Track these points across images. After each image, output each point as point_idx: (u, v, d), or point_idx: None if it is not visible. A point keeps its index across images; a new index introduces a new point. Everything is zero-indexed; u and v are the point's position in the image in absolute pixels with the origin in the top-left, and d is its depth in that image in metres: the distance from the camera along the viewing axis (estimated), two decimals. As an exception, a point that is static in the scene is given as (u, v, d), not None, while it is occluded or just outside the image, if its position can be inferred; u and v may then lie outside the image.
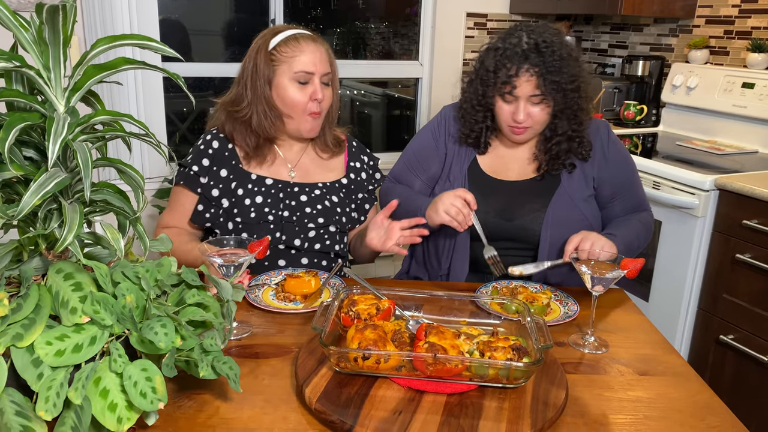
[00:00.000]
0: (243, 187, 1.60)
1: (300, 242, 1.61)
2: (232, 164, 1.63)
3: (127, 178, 0.95)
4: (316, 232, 1.63)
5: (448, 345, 1.05)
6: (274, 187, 1.62)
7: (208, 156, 1.62)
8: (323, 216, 1.63)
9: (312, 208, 1.63)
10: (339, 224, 1.66)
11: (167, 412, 0.98)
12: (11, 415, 0.81)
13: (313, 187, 1.66)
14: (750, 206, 2.08)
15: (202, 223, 1.62)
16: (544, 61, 1.49)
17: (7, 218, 0.83)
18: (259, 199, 1.59)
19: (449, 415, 0.97)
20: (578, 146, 1.60)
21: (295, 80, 1.57)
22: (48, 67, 0.86)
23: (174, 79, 0.92)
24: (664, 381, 1.15)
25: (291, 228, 1.60)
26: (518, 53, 1.50)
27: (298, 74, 1.56)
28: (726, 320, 2.20)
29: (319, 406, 0.98)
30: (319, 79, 1.59)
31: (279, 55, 1.57)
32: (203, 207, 1.61)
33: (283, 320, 1.32)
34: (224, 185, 1.61)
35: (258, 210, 1.58)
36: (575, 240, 1.42)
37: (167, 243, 1.07)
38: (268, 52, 1.58)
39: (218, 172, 1.61)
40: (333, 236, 1.65)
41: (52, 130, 0.79)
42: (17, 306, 0.84)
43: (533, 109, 1.53)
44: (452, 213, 1.46)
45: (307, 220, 1.62)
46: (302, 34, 1.60)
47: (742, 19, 2.75)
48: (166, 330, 0.86)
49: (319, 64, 1.58)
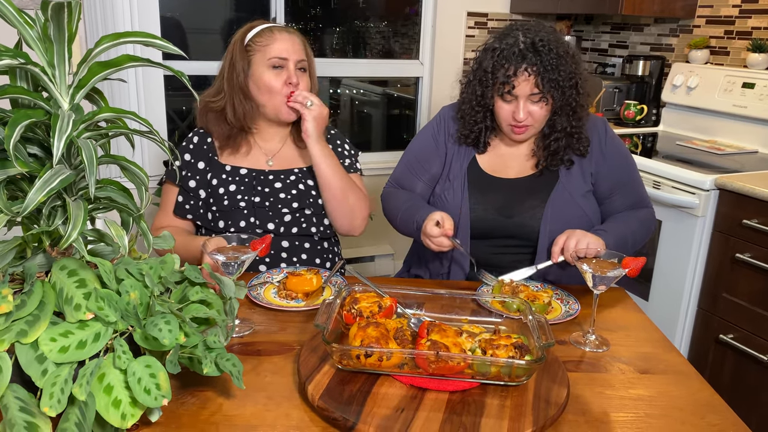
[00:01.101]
0: (217, 178, 1.66)
1: (274, 226, 1.64)
2: (209, 156, 1.69)
3: (131, 175, 0.96)
4: (291, 216, 1.66)
5: (450, 343, 1.05)
6: (248, 176, 1.67)
7: (189, 151, 1.70)
8: (297, 200, 1.67)
9: (286, 194, 1.67)
10: (314, 206, 1.68)
11: (170, 408, 0.99)
12: (15, 411, 0.81)
13: (289, 173, 1.70)
14: (750, 206, 2.09)
15: (183, 214, 1.67)
16: (541, 60, 1.50)
17: (12, 215, 0.83)
18: (232, 188, 1.65)
19: (451, 413, 0.98)
20: (576, 142, 1.61)
21: (270, 66, 1.62)
22: (53, 64, 0.86)
23: (178, 76, 0.92)
24: (665, 379, 1.16)
25: (263, 212, 1.64)
26: (515, 53, 1.51)
27: (272, 60, 1.62)
28: (726, 320, 2.20)
29: (321, 404, 0.98)
30: (293, 65, 1.64)
31: (254, 45, 1.64)
32: (183, 198, 1.67)
33: (285, 318, 1.32)
34: (201, 176, 1.67)
35: (231, 197, 1.64)
36: (560, 240, 1.44)
37: (170, 240, 1.08)
38: (243, 45, 1.65)
39: (196, 164, 1.68)
40: (309, 219, 1.68)
41: (57, 127, 0.80)
42: (21, 302, 0.84)
43: (533, 108, 1.54)
44: (432, 247, 1.50)
45: (280, 206, 1.65)
46: (276, 26, 1.67)
47: (743, 19, 2.76)
48: (170, 327, 0.86)
49: (292, 51, 1.64)
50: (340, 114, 4.01)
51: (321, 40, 3.69)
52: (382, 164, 1.85)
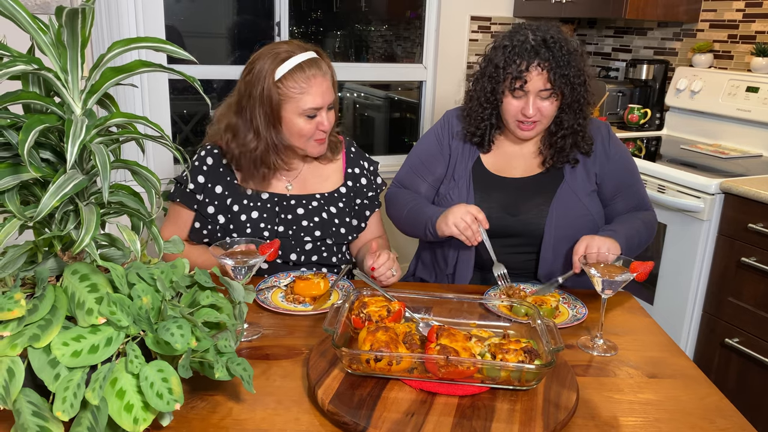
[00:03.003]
0: (238, 204, 1.59)
1: (296, 257, 1.60)
2: (227, 180, 1.61)
3: (142, 180, 0.96)
4: (312, 245, 1.62)
5: (459, 347, 1.05)
6: (270, 201, 1.61)
7: (203, 173, 1.60)
8: (320, 229, 1.62)
9: (309, 221, 1.62)
10: (336, 236, 1.64)
11: (181, 413, 0.99)
12: (28, 416, 0.81)
13: (311, 199, 1.64)
14: (755, 210, 2.09)
15: (199, 240, 1.61)
16: (553, 56, 1.52)
17: (26, 220, 0.84)
18: (254, 215, 1.58)
19: (461, 417, 0.98)
20: (582, 140, 1.62)
21: (304, 115, 1.53)
22: (66, 69, 0.86)
23: (190, 81, 0.92)
24: (674, 383, 1.16)
25: (287, 243, 1.59)
26: (527, 49, 1.53)
27: (307, 111, 1.53)
28: (731, 323, 2.20)
29: (332, 408, 0.98)
30: (326, 109, 1.56)
31: (286, 90, 1.51)
32: (200, 224, 1.60)
33: (293, 322, 1.32)
34: (219, 202, 1.59)
35: (254, 226, 1.58)
36: (581, 248, 1.42)
37: (179, 245, 1.08)
38: (275, 85, 1.51)
39: (213, 188, 1.60)
40: (330, 248, 1.64)
41: (70, 132, 0.80)
42: (33, 307, 0.84)
43: (542, 104, 1.55)
44: (461, 227, 1.47)
45: (303, 234, 1.60)
46: (309, 62, 1.52)
47: (746, 23, 2.76)
48: (182, 331, 0.86)
49: (326, 96, 1.54)
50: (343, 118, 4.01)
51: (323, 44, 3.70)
52: (385, 168, 1.85)
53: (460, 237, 1.48)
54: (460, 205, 1.51)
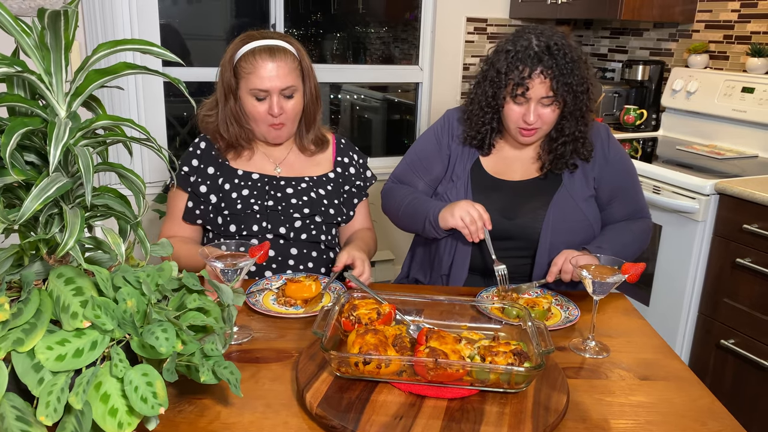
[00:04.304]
0: (230, 182, 1.65)
1: (285, 231, 1.63)
2: (218, 162, 1.67)
3: (128, 183, 0.95)
4: (302, 222, 1.65)
5: (449, 350, 1.05)
6: (260, 181, 1.66)
7: (196, 156, 1.68)
8: (309, 207, 1.66)
9: (298, 199, 1.66)
10: (325, 215, 1.68)
11: (168, 417, 0.98)
12: (12, 420, 0.80)
13: (300, 181, 1.70)
14: (750, 210, 2.08)
15: (193, 220, 1.65)
16: (557, 63, 1.50)
17: (9, 223, 0.83)
18: (245, 192, 1.64)
19: (450, 420, 0.97)
20: (582, 147, 1.62)
21: (252, 96, 1.60)
22: (49, 72, 0.86)
23: (175, 84, 0.92)
24: (666, 386, 1.15)
25: (276, 216, 1.63)
26: (530, 55, 1.51)
27: (253, 91, 1.60)
28: (726, 325, 2.19)
29: (320, 411, 0.98)
30: (277, 95, 1.60)
31: (240, 70, 1.60)
32: (193, 204, 1.66)
33: (284, 325, 1.32)
34: (212, 181, 1.65)
35: (244, 201, 1.62)
36: (559, 262, 1.46)
37: (168, 248, 1.07)
38: (233, 64, 1.61)
39: (206, 169, 1.66)
40: (319, 227, 1.67)
41: (53, 135, 0.79)
42: (18, 311, 0.84)
43: (544, 111, 1.55)
44: (467, 220, 1.47)
45: (292, 210, 1.65)
46: (262, 47, 1.59)
47: (742, 23, 2.76)
48: (167, 335, 0.85)
49: (276, 81, 1.58)
50: (341, 119, 4.01)
51: (321, 46, 3.70)
52: (382, 169, 1.85)
53: (463, 230, 1.48)
54: (466, 200, 1.51)
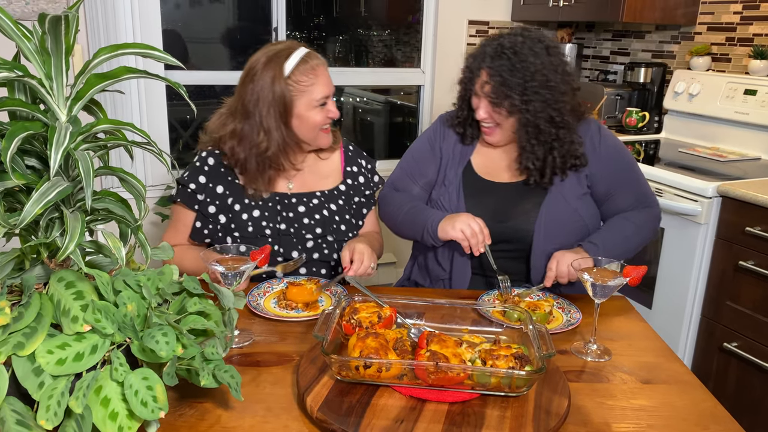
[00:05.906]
0: (240, 203, 1.60)
1: (297, 254, 1.60)
2: (228, 180, 1.62)
3: (129, 187, 0.95)
4: (314, 242, 1.62)
5: (450, 353, 1.05)
6: (271, 200, 1.62)
7: (204, 173, 1.61)
8: (321, 226, 1.63)
9: (310, 219, 1.63)
10: (337, 233, 1.65)
11: (168, 420, 0.98)
12: (12, 424, 0.80)
13: (311, 197, 1.66)
14: (753, 213, 2.08)
15: (201, 239, 1.62)
16: (502, 64, 1.53)
17: (9, 227, 0.83)
18: (256, 213, 1.59)
19: (451, 424, 0.97)
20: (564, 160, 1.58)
21: (317, 106, 1.58)
22: (50, 76, 0.86)
23: (175, 88, 0.92)
24: (668, 389, 1.15)
25: (288, 240, 1.60)
26: (482, 53, 1.58)
27: (318, 101, 1.58)
28: (729, 328, 2.19)
29: (320, 415, 0.97)
30: (331, 97, 1.63)
31: (296, 84, 1.55)
32: (201, 224, 1.61)
33: (285, 328, 1.32)
34: (221, 201, 1.60)
35: (255, 224, 1.58)
36: (553, 266, 1.48)
37: (168, 251, 1.08)
38: (285, 82, 1.54)
39: (214, 188, 1.61)
40: (331, 245, 1.64)
41: (54, 139, 0.80)
42: (19, 315, 0.84)
43: (494, 111, 1.57)
44: (467, 233, 1.48)
45: (304, 231, 1.61)
46: (310, 55, 1.59)
47: (744, 26, 2.76)
48: (167, 339, 0.86)
49: (331, 83, 1.61)
50: (343, 122, 4.01)
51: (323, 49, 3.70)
52: (385, 172, 1.85)
53: (463, 242, 1.48)
54: (467, 213, 1.53)
